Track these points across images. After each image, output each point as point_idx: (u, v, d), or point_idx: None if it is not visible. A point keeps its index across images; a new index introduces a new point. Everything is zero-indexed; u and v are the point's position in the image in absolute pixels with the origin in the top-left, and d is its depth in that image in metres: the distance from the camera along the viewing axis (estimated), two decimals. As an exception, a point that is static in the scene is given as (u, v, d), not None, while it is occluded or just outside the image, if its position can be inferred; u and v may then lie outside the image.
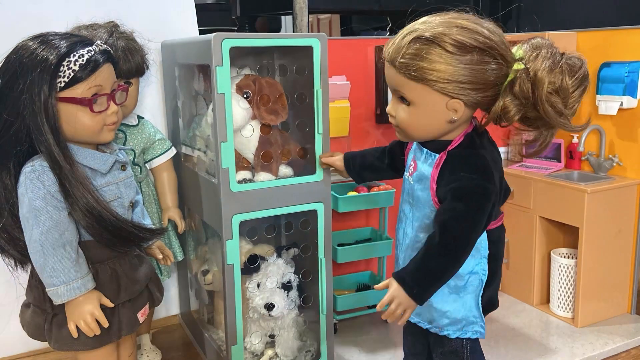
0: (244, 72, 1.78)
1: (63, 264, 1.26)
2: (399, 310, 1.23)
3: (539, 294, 2.36)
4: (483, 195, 1.21)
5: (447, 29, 1.16)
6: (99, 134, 1.31)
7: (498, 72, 1.18)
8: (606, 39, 2.23)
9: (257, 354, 1.88)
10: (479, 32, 1.16)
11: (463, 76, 1.17)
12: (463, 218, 1.21)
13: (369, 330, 2.19)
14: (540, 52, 1.20)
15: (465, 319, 1.33)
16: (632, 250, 2.24)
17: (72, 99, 1.25)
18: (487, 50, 1.16)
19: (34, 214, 1.24)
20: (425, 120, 1.25)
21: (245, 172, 1.72)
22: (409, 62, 1.18)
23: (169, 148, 1.90)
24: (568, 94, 1.21)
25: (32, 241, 1.25)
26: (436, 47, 1.16)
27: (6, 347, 2.08)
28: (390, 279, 1.26)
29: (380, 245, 2.15)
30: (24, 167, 1.26)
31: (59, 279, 1.26)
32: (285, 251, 1.88)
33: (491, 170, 1.23)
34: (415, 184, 1.33)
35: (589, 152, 2.30)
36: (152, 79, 2.07)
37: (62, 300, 1.28)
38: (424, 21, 1.21)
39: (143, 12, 2.04)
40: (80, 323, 1.30)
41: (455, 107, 1.21)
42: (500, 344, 2.09)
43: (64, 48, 1.23)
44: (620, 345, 2.07)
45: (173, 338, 2.24)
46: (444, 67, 1.16)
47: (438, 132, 1.27)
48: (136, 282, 1.41)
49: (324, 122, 1.67)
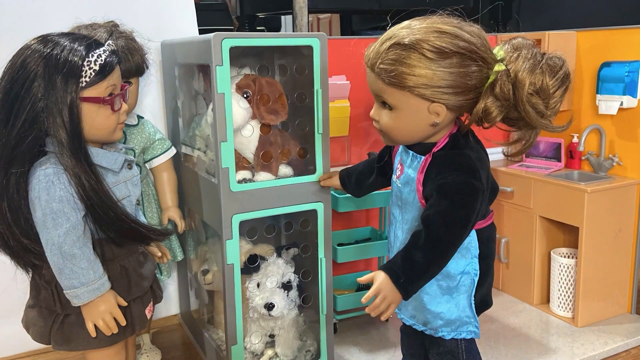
0: (244, 72, 1.78)
1: (81, 265, 1.26)
2: (384, 304, 1.22)
3: (539, 294, 2.36)
4: (469, 191, 1.22)
5: (426, 34, 1.16)
6: (113, 132, 1.34)
7: (479, 74, 1.18)
8: (606, 38, 2.22)
9: (257, 353, 1.88)
10: (459, 36, 1.16)
11: (443, 80, 1.17)
12: (449, 213, 1.21)
13: (368, 330, 2.19)
14: (521, 52, 1.20)
15: (459, 319, 1.33)
16: (632, 250, 2.24)
17: (95, 99, 1.27)
18: (467, 54, 1.16)
19: (51, 217, 1.24)
20: (407, 125, 1.25)
21: (245, 172, 1.72)
22: (388, 67, 1.19)
23: (168, 148, 1.90)
24: (549, 94, 1.20)
25: (49, 244, 1.25)
26: (415, 53, 1.16)
27: (6, 347, 2.08)
28: (375, 272, 1.24)
29: (380, 245, 2.15)
30: (35, 170, 1.25)
31: (78, 281, 1.27)
32: (285, 251, 1.88)
33: (476, 167, 1.23)
34: (402, 187, 1.34)
35: (589, 152, 2.30)
36: (152, 79, 2.07)
37: (82, 302, 1.29)
38: (403, 26, 1.21)
39: (143, 11, 2.04)
40: (99, 322, 1.32)
41: (437, 111, 1.21)
42: (500, 343, 2.09)
43: (83, 49, 1.25)
44: (620, 345, 2.07)
45: (173, 338, 2.24)
46: (423, 72, 1.16)
47: (422, 136, 1.27)
48: (144, 278, 1.43)
49: (323, 122, 1.67)
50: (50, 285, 1.32)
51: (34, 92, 1.21)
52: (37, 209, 1.24)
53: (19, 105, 1.22)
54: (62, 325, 1.34)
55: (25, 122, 1.22)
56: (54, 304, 1.33)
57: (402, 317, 1.43)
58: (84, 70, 1.24)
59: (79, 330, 1.33)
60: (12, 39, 1.30)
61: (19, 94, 1.22)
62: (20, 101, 1.22)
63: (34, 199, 1.25)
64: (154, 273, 1.49)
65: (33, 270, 1.36)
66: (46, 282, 1.33)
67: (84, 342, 1.34)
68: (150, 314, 1.47)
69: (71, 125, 1.23)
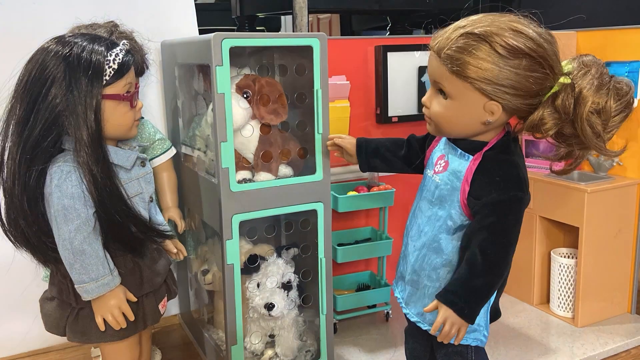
0: (244, 72, 1.78)
1: (91, 261, 1.30)
2: (454, 330, 1.23)
3: (539, 294, 2.36)
4: (519, 208, 1.21)
5: (502, 30, 1.14)
6: (130, 129, 1.38)
7: (543, 82, 1.16)
8: (606, 38, 2.23)
9: (257, 353, 1.88)
10: (534, 39, 1.14)
11: (507, 80, 1.14)
12: (502, 234, 1.20)
13: (368, 330, 2.19)
14: (590, 70, 1.19)
15: (471, 326, 1.30)
16: (632, 250, 2.24)
17: (116, 95, 1.31)
18: (537, 58, 1.14)
19: (63, 213, 1.27)
20: (459, 117, 1.23)
21: (245, 172, 1.72)
22: (455, 54, 1.16)
23: (168, 148, 1.90)
24: (609, 116, 1.19)
25: (61, 239, 1.28)
26: (486, 45, 1.13)
27: (6, 347, 2.08)
28: (436, 301, 1.25)
29: (380, 245, 2.15)
30: (51, 168, 1.28)
31: (88, 276, 1.30)
32: (285, 251, 1.88)
33: (524, 178, 1.22)
34: (442, 183, 1.30)
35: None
36: (152, 79, 2.07)
37: (91, 297, 1.33)
38: (477, 18, 1.18)
39: (143, 11, 2.04)
40: (108, 317, 1.36)
41: (492, 110, 1.19)
42: (500, 343, 2.09)
43: (103, 49, 1.29)
44: (620, 345, 2.07)
45: (173, 338, 2.24)
46: (489, 66, 1.14)
47: (469, 132, 1.25)
48: (157, 275, 1.47)
49: (323, 122, 1.67)
50: (66, 280, 1.36)
51: (55, 92, 1.25)
52: (50, 205, 1.28)
53: (40, 105, 1.25)
54: (77, 318, 1.39)
55: (47, 121, 1.25)
56: (69, 297, 1.38)
57: (408, 313, 1.40)
58: (106, 69, 1.28)
59: (92, 323, 1.37)
60: (12, 37, 1.30)
61: (40, 94, 1.25)
62: (42, 101, 1.25)
63: (47, 195, 1.28)
64: (168, 269, 1.53)
65: (55, 265, 1.39)
66: (62, 276, 1.37)
67: (97, 335, 1.38)
68: (164, 308, 1.51)
69: (95, 124, 1.27)
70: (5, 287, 1.99)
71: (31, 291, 1.96)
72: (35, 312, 2.05)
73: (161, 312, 1.49)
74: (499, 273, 1.23)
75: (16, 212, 1.30)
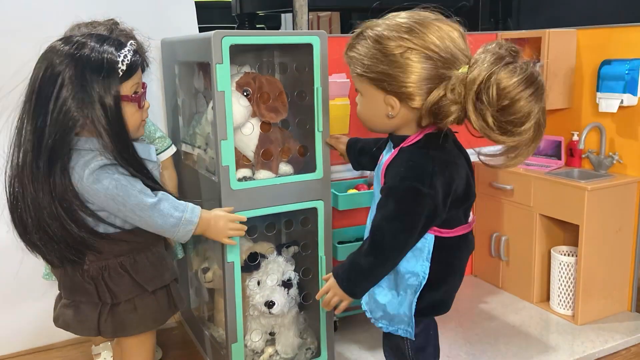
0: (244, 70, 1.78)
1: (167, 203, 1.36)
2: (335, 300, 1.36)
3: (539, 292, 2.36)
4: (413, 198, 1.22)
5: (381, 24, 1.22)
6: (138, 129, 1.40)
7: (430, 71, 1.18)
8: (607, 36, 2.22)
9: (258, 351, 1.88)
10: (413, 29, 1.18)
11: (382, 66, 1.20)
12: (391, 218, 1.25)
13: (369, 328, 2.19)
14: (486, 57, 1.15)
15: (397, 316, 1.35)
16: (632, 247, 2.24)
17: (125, 97, 1.32)
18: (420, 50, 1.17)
19: (121, 191, 1.29)
20: (367, 112, 1.32)
21: (246, 170, 1.72)
22: (347, 52, 1.28)
23: (169, 146, 1.90)
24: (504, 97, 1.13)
25: (132, 207, 1.31)
26: (362, 39, 1.24)
27: (7, 345, 2.09)
28: (329, 274, 1.38)
29: (380, 243, 2.15)
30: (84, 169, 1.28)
31: (178, 212, 1.37)
32: (285, 249, 1.88)
33: (430, 172, 1.21)
34: (374, 176, 1.39)
35: (589, 150, 2.30)
36: (152, 77, 2.07)
37: (195, 223, 1.39)
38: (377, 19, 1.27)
39: (143, 9, 2.04)
40: (230, 232, 1.48)
41: (390, 103, 1.25)
42: (500, 341, 2.09)
43: (113, 49, 1.29)
44: (620, 343, 2.07)
45: (173, 336, 2.24)
46: (361, 56, 1.23)
47: (383, 126, 1.32)
48: (171, 262, 1.54)
49: (324, 120, 1.67)
50: (95, 280, 1.36)
51: (67, 93, 1.24)
52: (98, 191, 1.28)
53: (51, 106, 1.24)
54: (113, 315, 1.39)
55: (57, 122, 1.25)
56: (104, 295, 1.37)
57: (361, 303, 1.44)
58: (116, 69, 1.29)
59: (130, 315, 1.40)
60: (12, 37, 1.30)
61: (52, 95, 1.24)
62: (54, 102, 1.24)
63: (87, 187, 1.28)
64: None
65: (71, 269, 1.37)
66: (91, 277, 1.36)
67: (137, 326, 1.41)
68: None
69: (117, 122, 1.28)
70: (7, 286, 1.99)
71: (34, 289, 1.96)
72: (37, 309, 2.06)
73: (184, 298, 1.54)
74: (382, 256, 1.28)
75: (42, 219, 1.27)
